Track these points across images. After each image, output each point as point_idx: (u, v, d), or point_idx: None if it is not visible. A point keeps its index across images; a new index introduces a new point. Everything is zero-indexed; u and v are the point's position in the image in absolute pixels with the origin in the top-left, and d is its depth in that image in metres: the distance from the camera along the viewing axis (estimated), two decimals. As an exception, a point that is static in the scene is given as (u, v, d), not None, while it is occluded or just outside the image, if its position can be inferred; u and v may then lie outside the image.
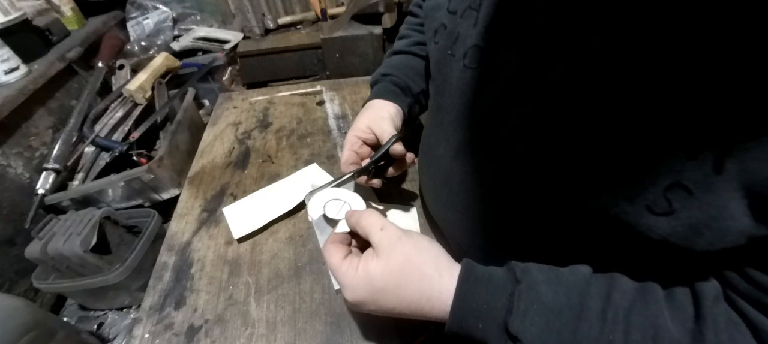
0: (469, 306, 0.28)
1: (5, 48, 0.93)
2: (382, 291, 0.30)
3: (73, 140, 1.03)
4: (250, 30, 1.61)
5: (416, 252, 0.31)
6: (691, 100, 0.20)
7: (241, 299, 0.45)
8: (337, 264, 0.32)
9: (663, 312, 0.24)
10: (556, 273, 0.28)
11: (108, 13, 1.45)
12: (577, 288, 0.27)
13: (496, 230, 0.37)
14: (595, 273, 0.28)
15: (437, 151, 0.43)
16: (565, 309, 0.26)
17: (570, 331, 0.25)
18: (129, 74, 1.26)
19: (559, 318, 0.26)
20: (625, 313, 0.25)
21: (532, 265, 0.29)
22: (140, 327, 0.44)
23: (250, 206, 0.57)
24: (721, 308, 0.23)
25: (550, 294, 0.27)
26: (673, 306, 0.24)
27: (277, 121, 0.79)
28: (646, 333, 0.24)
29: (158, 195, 0.99)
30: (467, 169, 0.38)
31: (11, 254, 0.89)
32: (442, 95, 0.41)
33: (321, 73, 1.54)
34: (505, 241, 0.37)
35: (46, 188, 0.93)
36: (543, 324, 0.26)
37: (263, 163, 0.67)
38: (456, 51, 0.37)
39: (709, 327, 0.22)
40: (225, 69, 1.54)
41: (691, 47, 0.20)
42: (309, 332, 0.42)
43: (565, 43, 0.26)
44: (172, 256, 0.52)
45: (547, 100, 0.28)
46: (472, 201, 0.38)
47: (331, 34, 1.39)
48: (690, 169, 0.21)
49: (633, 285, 0.27)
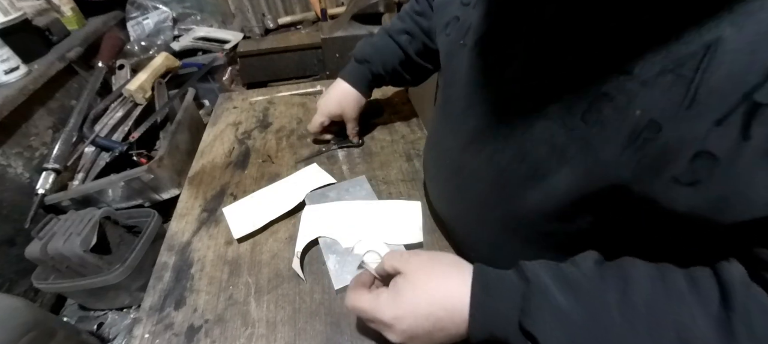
0: (487, 311, 0.29)
1: (5, 48, 0.93)
2: (412, 295, 0.31)
3: (73, 140, 1.03)
4: (250, 30, 1.61)
5: (433, 254, 0.35)
6: (714, 66, 0.20)
7: (241, 299, 0.45)
8: (371, 302, 0.33)
9: (687, 302, 0.23)
10: (563, 272, 0.28)
11: (108, 13, 1.45)
12: (591, 284, 0.26)
13: (507, 221, 0.37)
14: (605, 263, 0.28)
15: (445, 144, 0.43)
16: (581, 312, 0.25)
17: (590, 336, 0.24)
18: (129, 74, 1.26)
19: (577, 323, 0.25)
20: (647, 307, 0.24)
21: (539, 265, 0.29)
22: (140, 327, 0.44)
23: (250, 206, 0.57)
24: (751, 293, 0.22)
25: (561, 298, 0.26)
26: (698, 296, 0.23)
27: (277, 121, 0.79)
28: (670, 329, 0.22)
29: (158, 195, 0.99)
30: (478, 158, 0.38)
31: (11, 254, 0.89)
32: (452, 86, 0.42)
33: (321, 73, 1.53)
34: (516, 233, 0.37)
35: (46, 188, 0.92)
36: (557, 324, 0.25)
37: (263, 162, 0.67)
38: (468, 40, 0.37)
39: (740, 315, 0.21)
40: (225, 69, 1.53)
41: None
42: (309, 332, 0.42)
43: (578, 27, 0.27)
44: (172, 256, 0.52)
45: (562, 81, 0.28)
46: (482, 191, 0.38)
47: (331, 34, 1.39)
48: (716, 136, 0.20)
49: (648, 273, 0.25)
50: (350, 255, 0.47)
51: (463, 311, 0.29)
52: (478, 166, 0.38)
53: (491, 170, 0.36)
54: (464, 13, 0.38)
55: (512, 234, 0.37)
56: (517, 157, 0.33)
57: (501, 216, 0.37)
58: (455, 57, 0.40)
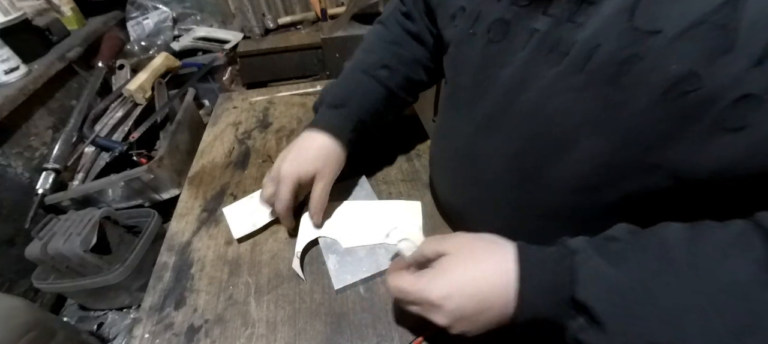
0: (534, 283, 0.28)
1: (5, 48, 0.93)
2: (461, 273, 0.31)
3: (73, 140, 1.03)
4: (250, 30, 1.61)
5: (473, 234, 0.34)
6: (748, 7, 0.20)
7: (241, 299, 0.45)
8: (415, 283, 0.32)
9: (730, 253, 0.23)
10: (604, 243, 0.28)
11: (108, 13, 1.45)
12: (633, 253, 0.26)
13: (527, 201, 0.37)
14: (639, 230, 0.27)
15: (455, 133, 0.43)
16: (630, 278, 0.25)
17: (642, 300, 0.24)
18: (129, 74, 1.26)
19: (628, 289, 0.25)
20: (691, 268, 0.23)
21: (580, 239, 0.29)
22: (140, 327, 0.44)
23: (250, 206, 0.57)
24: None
25: (609, 267, 0.26)
26: (740, 245, 0.23)
27: (277, 121, 0.79)
28: (720, 281, 0.22)
29: (158, 195, 0.99)
30: (492, 142, 0.38)
31: (11, 254, 0.89)
32: (461, 75, 0.42)
33: (321, 73, 1.54)
34: (535, 213, 0.36)
35: (46, 188, 0.93)
36: (606, 289, 0.25)
37: (263, 163, 0.67)
38: (477, 29, 0.37)
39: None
40: (225, 69, 1.54)
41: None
42: (309, 332, 0.42)
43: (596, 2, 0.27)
44: (172, 256, 0.52)
45: (585, 51, 0.27)
46: (498, 173, 0.38)
47: (331, 34, 1.39)
48: (757, 77, 0.21)
49: (685, 235, 0.25)
50: (350, 255, 0.47)
51: (509, 286, 0.29)
52: (493, 148, 0.38)
53: (509, 151, 0.36)
54: (471, 3, 0.38)
55: (532, 215, 0.37)
56: (539, 133, 0.33)
57: (519, 197, 0.37)
58: (465, 46, 0.40)
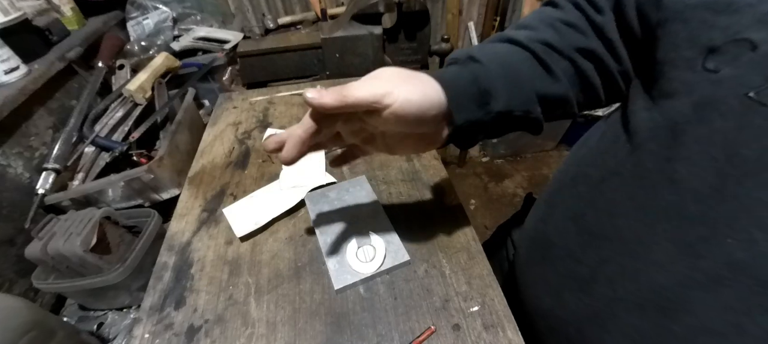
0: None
1: (5, 48, 0.93)
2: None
3: (73, 140, 1.03)
4: (250, 30, 1.61)
5: None
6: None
7: (241, 299, 0.45)
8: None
9: None
10: None
11: (108, 13, 1.45)
12: None
13: None
14: None
15: (635, 256, 0.28)
16: None
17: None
18: (129, 74, 1.26)
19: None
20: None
21: None
22: (140, 327, 0.44)
23: (250, 206, 0.57)
24: None
25: None
26: None
27: (277, 121, 0.79)
28: None
29: (158, 195, 0.99)
30: (724, 299, 0.23)
31: (11, 254, 0.89)
32: (691, 161, 0.24)
33: (321, 73, 1.53)
34: None
35: (46, 188, 0.92)
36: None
37: (263, 163, 0.67)
38: (766, 96, 0.20)
39: None
40: (225, 69, 1.53)
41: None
42: (309, 332, 0.42)
43: None
44: (172, 256, 0.52)
45: None
46: None
47: (331, 34, 1.39)
48: None
49: None
50: (350, 255, 0.48)
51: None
52: (723, 307, 0.24)
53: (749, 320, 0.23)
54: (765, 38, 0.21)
55: None
56: None
57: None
58: (720, 113, 0.23)
